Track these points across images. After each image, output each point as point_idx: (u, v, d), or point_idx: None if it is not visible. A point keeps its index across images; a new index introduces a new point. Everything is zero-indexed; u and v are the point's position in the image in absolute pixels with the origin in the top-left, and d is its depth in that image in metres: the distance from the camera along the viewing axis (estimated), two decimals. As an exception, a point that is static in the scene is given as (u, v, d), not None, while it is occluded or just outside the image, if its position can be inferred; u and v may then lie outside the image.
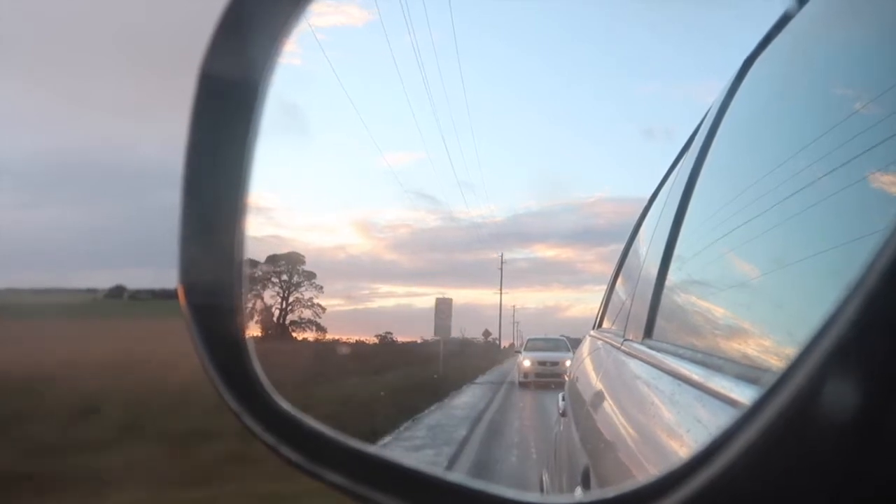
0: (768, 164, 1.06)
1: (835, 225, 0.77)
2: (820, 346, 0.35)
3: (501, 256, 55.59)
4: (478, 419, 14.31)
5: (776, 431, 0.36)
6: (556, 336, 25.42)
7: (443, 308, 25.26)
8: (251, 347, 0.79)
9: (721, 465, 0.38)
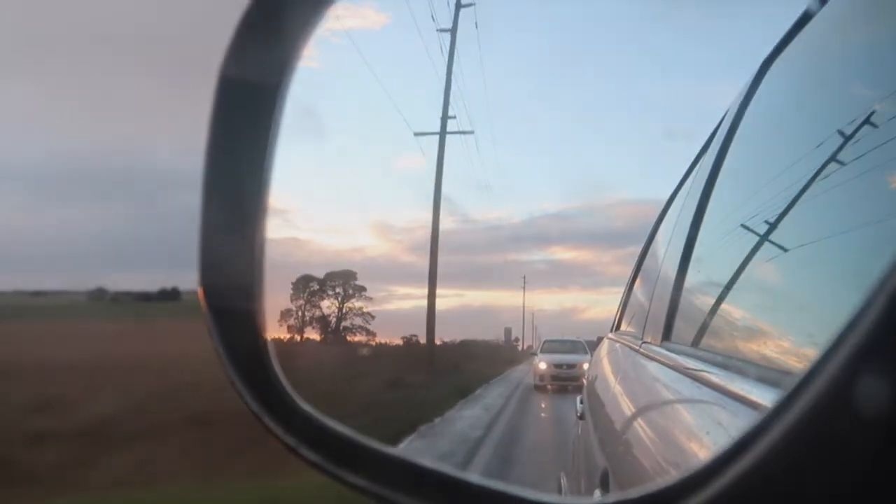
0: (787, 165, 1.05)
1: (855, 226, 0.76)
2: (844, 347, 0.34)
3: (524, 279, 63.18)
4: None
5: (801, 433, 0.36)
6: (573, 338, 25.16)
7: (507, 331, 56.11)
8: (272, 349, 0.79)
9: (744, 467, 0.38)
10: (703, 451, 0.82)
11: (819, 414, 0.35)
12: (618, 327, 2.92)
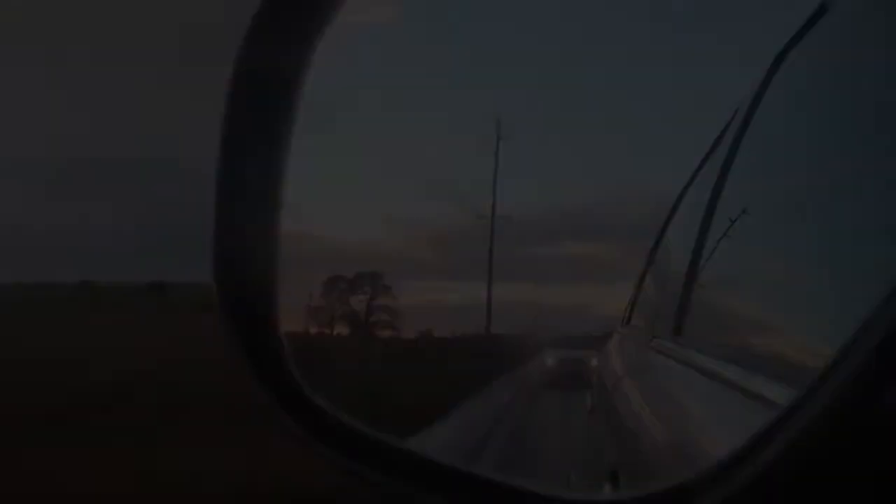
0: (801, 160, 1.04)
1: (869, 222, 0.76)
2: (862, 345, 0.34)
3: (536, 281, 63.90)
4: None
5: (818, 431, 0.36)
6: (582, 333, 25.04)
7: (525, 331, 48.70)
8: (286, 343, 0.79)
9: (758, 466, 0.38)
10: (712, 446, 0.82)
11: (837, 412, 0.35)
12: (628, 322, 2.91)
